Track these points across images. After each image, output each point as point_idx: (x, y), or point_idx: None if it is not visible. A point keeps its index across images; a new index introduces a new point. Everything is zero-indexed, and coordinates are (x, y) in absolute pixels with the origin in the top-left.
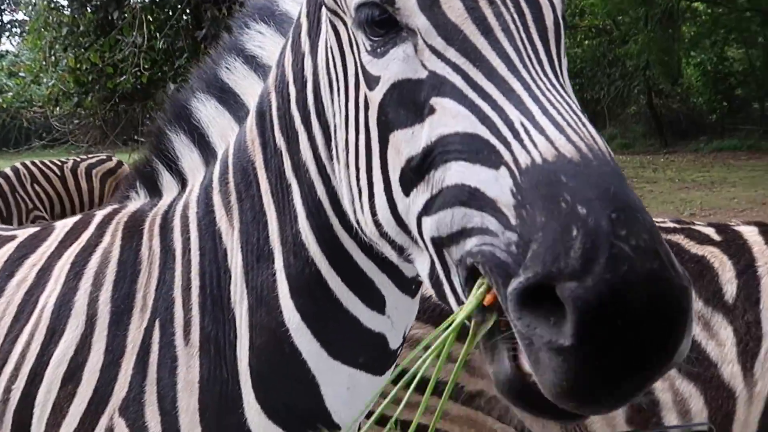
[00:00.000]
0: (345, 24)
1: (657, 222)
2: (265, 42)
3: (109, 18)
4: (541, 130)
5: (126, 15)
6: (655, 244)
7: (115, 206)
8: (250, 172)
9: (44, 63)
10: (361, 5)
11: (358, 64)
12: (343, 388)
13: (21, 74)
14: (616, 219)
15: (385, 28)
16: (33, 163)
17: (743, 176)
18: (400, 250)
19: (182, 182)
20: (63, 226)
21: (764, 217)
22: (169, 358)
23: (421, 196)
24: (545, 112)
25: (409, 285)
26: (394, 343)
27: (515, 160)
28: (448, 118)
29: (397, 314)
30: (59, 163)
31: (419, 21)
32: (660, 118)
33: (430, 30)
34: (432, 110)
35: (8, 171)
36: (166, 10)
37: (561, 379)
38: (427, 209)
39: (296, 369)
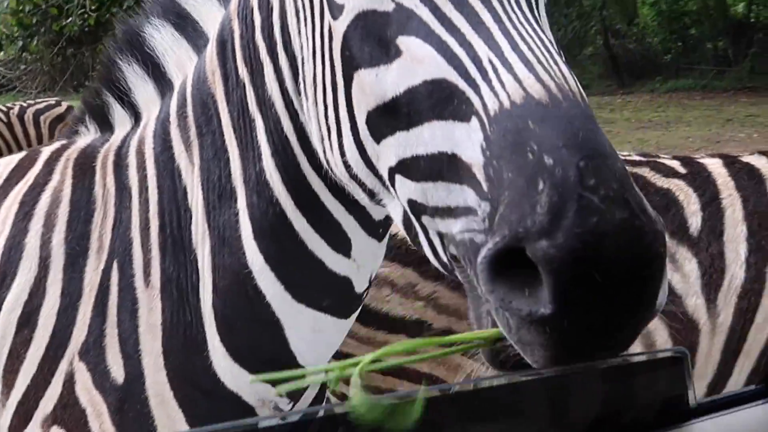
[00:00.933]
0: None
1: (623, 155)
2: None
3: None
4: (510, 68)
5: None
6: (624, 191)
7: (63, 142)
8: (211, 106)
9: None
10: None
11: None
12: (308, 331)
13: None
14: (584, 167)
15: None
16: None
17: (697, 115)
18: (370, 193)
19: (136, 116)
20: (6, 163)
21: None
22: (129, 300)
23: (393, 151)
24: (515, 47)
25: (376, 228)
26: (359, 286)
27: (484, 107)
28: (415, 63)
29: (363, 258)
30: (5, 109)
31: None
32: (617, 58)
33: None
34: (398, 52)
35: None
36: None
37: (550, 351)
38: (402, 170)
39: (260, 311)
